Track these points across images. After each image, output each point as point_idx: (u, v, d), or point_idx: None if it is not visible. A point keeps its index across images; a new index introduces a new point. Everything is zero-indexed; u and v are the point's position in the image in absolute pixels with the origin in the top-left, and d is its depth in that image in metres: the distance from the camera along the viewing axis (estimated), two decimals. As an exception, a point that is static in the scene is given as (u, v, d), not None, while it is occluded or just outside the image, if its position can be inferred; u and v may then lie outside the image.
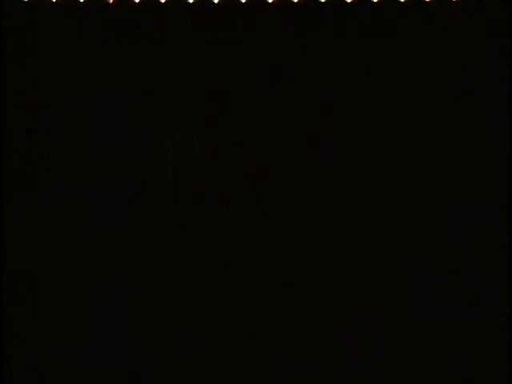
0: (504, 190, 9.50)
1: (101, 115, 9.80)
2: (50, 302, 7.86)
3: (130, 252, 9.97)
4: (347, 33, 8.70)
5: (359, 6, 8.67)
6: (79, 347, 7.72)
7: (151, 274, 9.38)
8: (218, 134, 9.99)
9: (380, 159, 10.07)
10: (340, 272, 9.73)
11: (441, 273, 8.92)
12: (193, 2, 8.64)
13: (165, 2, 8.57)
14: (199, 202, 10.00)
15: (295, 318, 8.72)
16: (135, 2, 8.49)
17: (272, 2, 8.65)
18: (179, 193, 9.96)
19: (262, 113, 9.49)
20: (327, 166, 9.99)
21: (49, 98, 9.42)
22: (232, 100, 9.99)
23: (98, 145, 9.81)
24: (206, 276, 9.06)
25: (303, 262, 9.14)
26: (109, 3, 8.33)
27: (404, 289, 8.84)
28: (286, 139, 9.32)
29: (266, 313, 8.73)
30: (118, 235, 9.97)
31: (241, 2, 8.67)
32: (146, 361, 7.86)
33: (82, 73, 9.34)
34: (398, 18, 8.79)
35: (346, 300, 9.01)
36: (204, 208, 9.97)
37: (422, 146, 10.07)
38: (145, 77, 9.91)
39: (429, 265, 8.99)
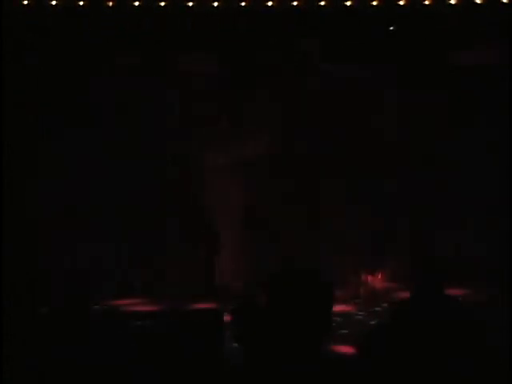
0: (504, 191, 9.49)
1: (100, 115, 9.79)
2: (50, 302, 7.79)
3: (129, 251, 9.95)
4: (346, 34, 8.69)
5: (359, 9, 8.65)
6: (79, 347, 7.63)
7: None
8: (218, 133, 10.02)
9: (380, 160, 10.06)
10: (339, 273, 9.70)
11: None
12: (192, 6, 8.62)
13: (165, 5, 8.55)
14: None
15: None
16: (135, 5, 8.46)
17: (272, 6, 8.63)
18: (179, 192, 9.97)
19: (262, 112, 9.49)
20: (327, 167, 9.97)
21: (48, 99, 9.40)
22: (232, 100, 9.98)
23: (97, 144, 9.80)
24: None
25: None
26: (108, 6, 8.30)
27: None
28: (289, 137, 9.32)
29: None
30: (118, 235, 9.97)
31: (240, 6, 8.65)
32: (146, 361, 7.79)
33: (82, 74, 9.33)
34: (397, 20, 8.79)
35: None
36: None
37: (422, 146, 10.08)
38: (145, 77, 9.91)
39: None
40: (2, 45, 7.82)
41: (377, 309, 8.60)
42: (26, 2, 7.93)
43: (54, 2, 8.01)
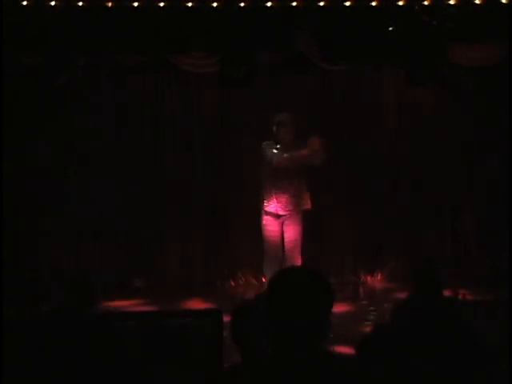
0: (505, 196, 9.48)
1: (100, 115, 9.80)
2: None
3: (127, 252, 9.94)
4: (346, 35, 8.69)
5: (358, 10, 8.66)
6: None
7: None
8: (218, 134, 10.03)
9: (381, 161, 10.07)
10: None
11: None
12: (192, 6, 8.60)
13: (163, 6, 8.53)
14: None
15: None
16: (134, 6, 8.45)
17: (271, 6, 8.63)
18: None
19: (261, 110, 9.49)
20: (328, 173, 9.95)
21: (48, 101, 9.41)
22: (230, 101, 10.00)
23: (98, 144, 9.80)
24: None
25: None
26: (107, 7, 8.28)
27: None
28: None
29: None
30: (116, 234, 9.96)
31: (240, 6, 8.65)
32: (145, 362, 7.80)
33: (82, 74, 9.33)
34: (397, 20, 8.79)
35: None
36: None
37: (423, 148, 10.08)
38: (144, 77, 9.92)
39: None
40: (1, 45, 7.84)
41: (376, 309, 8.61)
42: (25, 3, 7.94)
43: (53, 3, 8.01)
